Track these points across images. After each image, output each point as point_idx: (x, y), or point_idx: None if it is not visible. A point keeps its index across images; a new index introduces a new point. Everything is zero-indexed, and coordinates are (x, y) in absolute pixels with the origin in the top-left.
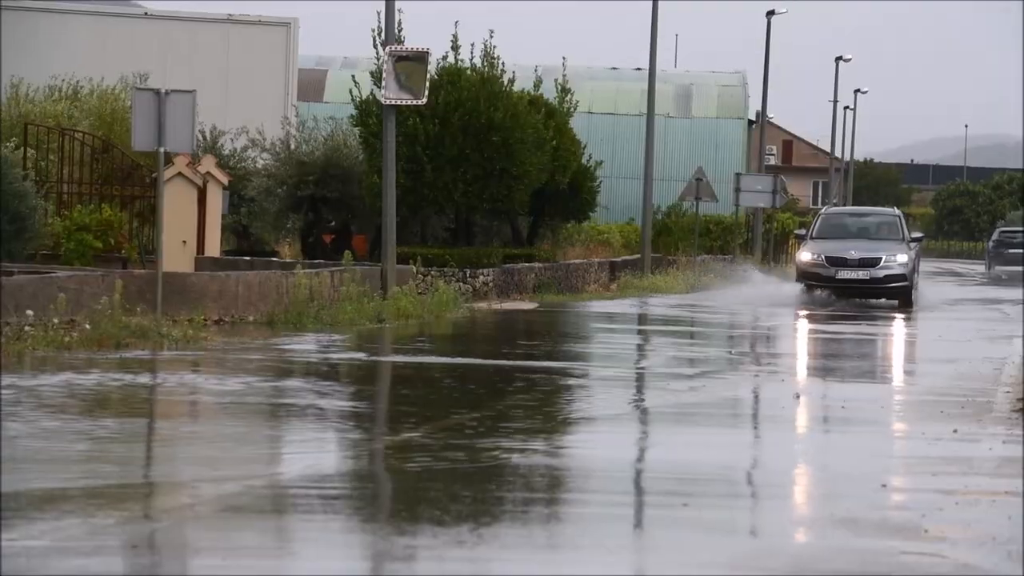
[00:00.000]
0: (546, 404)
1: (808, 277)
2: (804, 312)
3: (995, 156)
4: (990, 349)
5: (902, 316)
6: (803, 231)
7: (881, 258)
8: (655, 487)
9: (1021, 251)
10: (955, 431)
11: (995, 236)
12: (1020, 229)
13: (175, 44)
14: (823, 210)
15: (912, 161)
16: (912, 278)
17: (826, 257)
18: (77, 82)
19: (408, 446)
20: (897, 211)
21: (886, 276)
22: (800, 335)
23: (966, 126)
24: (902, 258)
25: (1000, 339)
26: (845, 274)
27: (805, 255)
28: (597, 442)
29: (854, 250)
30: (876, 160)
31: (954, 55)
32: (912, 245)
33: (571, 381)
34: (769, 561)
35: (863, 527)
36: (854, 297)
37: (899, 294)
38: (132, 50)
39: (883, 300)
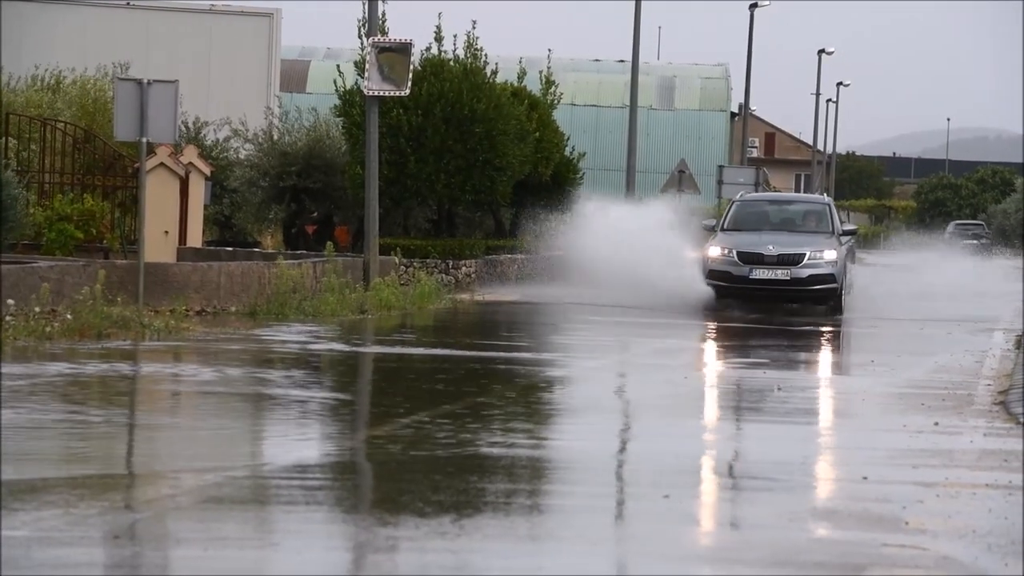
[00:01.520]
0: (528, 395)
1: (716, 277)
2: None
3: (977, 149)
4: (971, 342)
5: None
6: (712, 221)
7: (804, 254)
8: (636, 478)
9: (974, 242)
10: (936, 424)
11: (950, 228)
12: (974, 222)
13: (157, 34)
14: (738, 196)
15: (894, 154)
16: (842, 279)
17: (738, 253)
18: (59, 72)
19: (390, 437)
20: (827, 198)
21: (810, 276)
22: (780, 327)
23: (948, 119)
24: (830, 255)
25: (981, 332)
26: (760, 273)
27: (713, 250)
28: (579, 433)
29: (772, 244)
30: (858, 153)
31: (936, 48)
32: (843, 239)
33: (553, 372)
34: (750, 553)
35: (844, 519)
36: (771, 301)
37: (825, 297)
38: (114, 40)
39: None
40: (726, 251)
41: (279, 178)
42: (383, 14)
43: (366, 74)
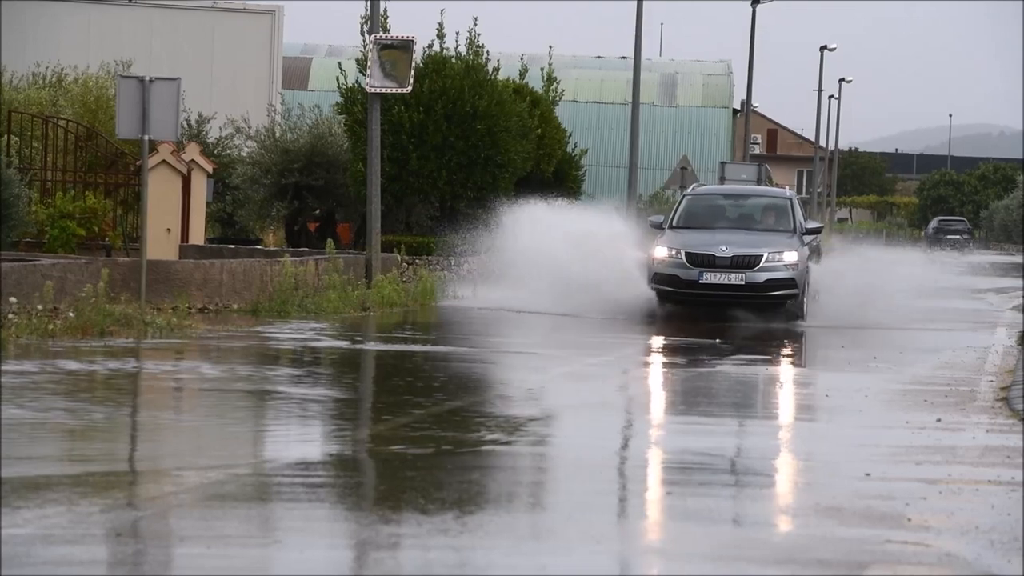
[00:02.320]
0: (530, 392)
1: (661, 281)
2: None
3: (979, 145)
4: (973, 338)
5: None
6: (660, 218)
7: (762, 256)
8: (639, 475)
9: (958, 237)
10: (939, 420)
11: (933, 224)
12: (956, 218)
13: (160, 32)
14: (689, 190)
15: (897, 150)
16: (804, 283)
17: (687, 254)
18: (61, 70)
19: (392, 434)
20: (789, 192)
21: (767, 281)
22: (780, 322)
23: (950, 115)
24: (790, 256)
25: (983, 328)
26: (712, 277)
27: (660, 250)
28: (581, 430)
29: (725, 245)
30: (861, 149)
31: (939, 45)
32: (807, 238)
33: (555, 369)
34: (753, 550)
35: (847, 516)
36: (724, 307)
37: (784, 304)
38: (117, 38)
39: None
40: (674, 252)
41: (281, 175)
42: (385, 11)
43: (368, 71)
